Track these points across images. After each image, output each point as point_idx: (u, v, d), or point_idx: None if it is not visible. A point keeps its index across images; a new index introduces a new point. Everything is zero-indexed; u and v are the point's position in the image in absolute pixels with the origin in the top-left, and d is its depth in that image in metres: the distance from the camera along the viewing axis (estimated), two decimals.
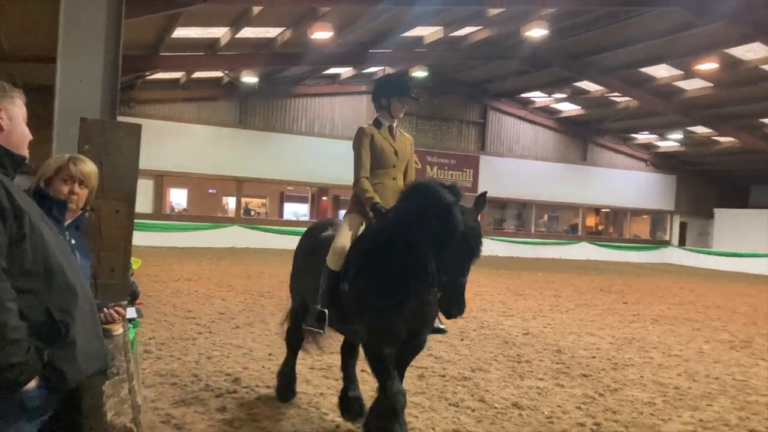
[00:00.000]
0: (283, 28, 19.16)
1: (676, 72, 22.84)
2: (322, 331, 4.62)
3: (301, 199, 33.89)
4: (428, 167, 29.22)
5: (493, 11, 18.87)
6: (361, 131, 4.88)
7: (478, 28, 20.71)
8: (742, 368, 7.92)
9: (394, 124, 4.96)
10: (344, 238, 4.59)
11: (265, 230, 26.48)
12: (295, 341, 5.61)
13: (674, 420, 5.60)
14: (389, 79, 5.09)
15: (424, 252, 3.92)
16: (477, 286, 14.92)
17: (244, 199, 28.82)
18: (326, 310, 4.52)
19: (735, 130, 27.00)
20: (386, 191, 4.76)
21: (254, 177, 26.63)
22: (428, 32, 21.19)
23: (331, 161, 27.21)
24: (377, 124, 4.93)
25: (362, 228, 4.70)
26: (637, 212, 34.34)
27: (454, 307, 3.78)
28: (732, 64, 20.66)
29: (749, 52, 19.97)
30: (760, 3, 16.27)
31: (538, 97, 29.48)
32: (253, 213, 31.97)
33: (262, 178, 26.88)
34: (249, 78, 23.66)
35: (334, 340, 8.21)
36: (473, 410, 5.54)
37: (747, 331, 11.00)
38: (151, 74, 21.81)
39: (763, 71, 21.11)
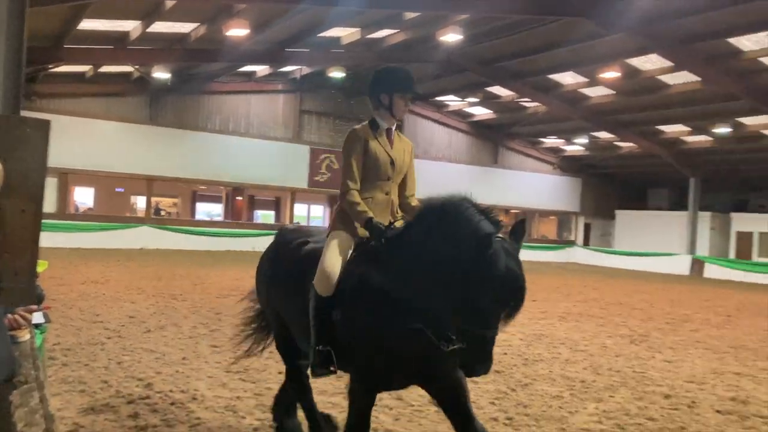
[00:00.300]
0: (198, 24, 18.72)
1: (581, 79, 23.94)
2: (333, 371, 3.79)
3: (214, 199, 33.15)
4: None
5: (410, 15, 19.16)
6: (353, 135, 4.04)
7: (395, 31, 20.96)
8: (641, 361, 8.41)
9: (394, 127, 4.16)
10: (334, 260, 3.81)
11: (177, 231, 25.75)
12: (292, 366, 4.58)
13: (581, 412, 5.88)
14: (390, 72, 4.21)
15: (439, 294, 3.22)
16: None
17: (154, 199, 27.90)
18: (330, 348, 3.72)
19: (635, 136, 28.60)
20: (377, 207, 3.98)
21: (165, 176, 25.85)
22: (345, 33, 21.26)
23: (247, 160, 26.85)
24: (374, 126, 4.10)
25: (352, 248, 3.94)
26: (544, 213, 35.72)
27: (479, 364, 3.08)
28: (632, 74, 21.88)
29: (647, 62, 21.23)
30: (657, 17, 17.31)
31: (452, 101, 30.15)
32: (163, 213, 31.01)
33: (173, 176, 26.13)
34: (161, 73, 22.96)
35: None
36: (391, 408, 5.62)
37: (645, 326, 11.68)
38: (55, 67, 20.76)
39: (660, 81, 22.48)
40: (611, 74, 21.52)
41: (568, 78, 24.19)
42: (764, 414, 6.05)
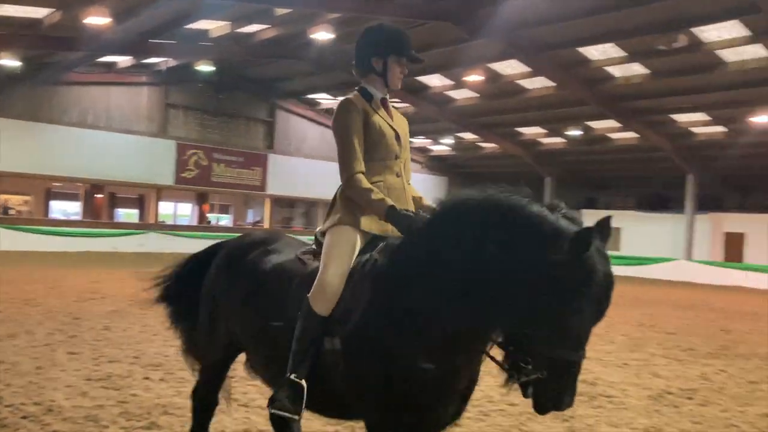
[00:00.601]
0: (52, 10, 17.47)
1: (448, 82, 24.87)
2: (296, 417, 2.96)
3: (71, 197, 31.12)
4: (215, 165, 28.51)
5: (281, 11, 19.01)
6: (348, 106, 3.26)
7: (266, 26, 20.70)
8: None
9: (388, 97, 3.44)
10: (339, 266, 3.02)
11: (29, 231, 23.88)
12: (202, 424, 3.94)
13: None
14: (383, 31, 3.41)
15: (510, 310, 2.54)
16: None
17: (2, 197, 25.71)
18: (304, 382, 2.92)
19: (496, 137, 30.15)
20: (392, 194, 3.23)
21: (14, 171, 23.87)
22: (214, 26, 20.73)
23: (107, 156, 25.45)
24: (367, 96, 3.34)
25: (358, 247, 3.14)
26: None
27: (568, 396, 2.50)
28: (494, 78, 23.04)
29: (508, 67, 22.45)
30: (517, 26, 18.37)
31: (325, 99, 30.24)
32: (13, 212, 28.64)
33: (24, 172, 24.17)
34: (9, 61, 21.15)
35: (115, 347, 7.73)
36: (263, 409, 5.59)
37: None
38: None
39: (519, 86, 23.86)
40: (475, 78, 22.53)
41: (435, 80, 25.03)
42: (610, 393, 6.63)
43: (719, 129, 24.97)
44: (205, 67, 24.01)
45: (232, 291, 3.51)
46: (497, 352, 2.79)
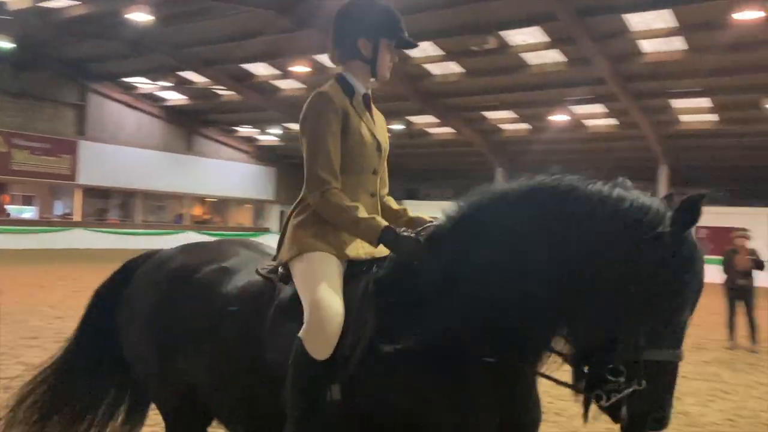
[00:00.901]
0: None
1: (274, 71, 24.71)
2: None
3: None
4: (15, 151, 25.90)
5: None
6: (324, 102, 2.65)
7: (76, 2, 19.18)
8: None
9: (370, 92, 2.83)
10: (333, 297, 2.36)
11: None
12: None
13: None
14: (376, 7, 2.71)
15: (593, 313, 2.08)
16: (80, 284, 13.89)
17: None
18: None
19: None
20: None
21: None
22: None
23: None
24: (347, 88, 2.74)
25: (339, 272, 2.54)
26: (240, 201, 36.09)
27: (668, 406, 2.04)
28: (320, 69, 23.29)
29: None
30: None
31: (143, 83, 28.63)
32: None
33: None
34: None
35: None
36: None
37: None
38: None
39: None
40: (301, 68, 22.62)
41: (261, 69, 24.75)
42: None
43: (524, 126, 27.33)
44: (2, 43, 21.67)
45: (186, 323, 2.76)
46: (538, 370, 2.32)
